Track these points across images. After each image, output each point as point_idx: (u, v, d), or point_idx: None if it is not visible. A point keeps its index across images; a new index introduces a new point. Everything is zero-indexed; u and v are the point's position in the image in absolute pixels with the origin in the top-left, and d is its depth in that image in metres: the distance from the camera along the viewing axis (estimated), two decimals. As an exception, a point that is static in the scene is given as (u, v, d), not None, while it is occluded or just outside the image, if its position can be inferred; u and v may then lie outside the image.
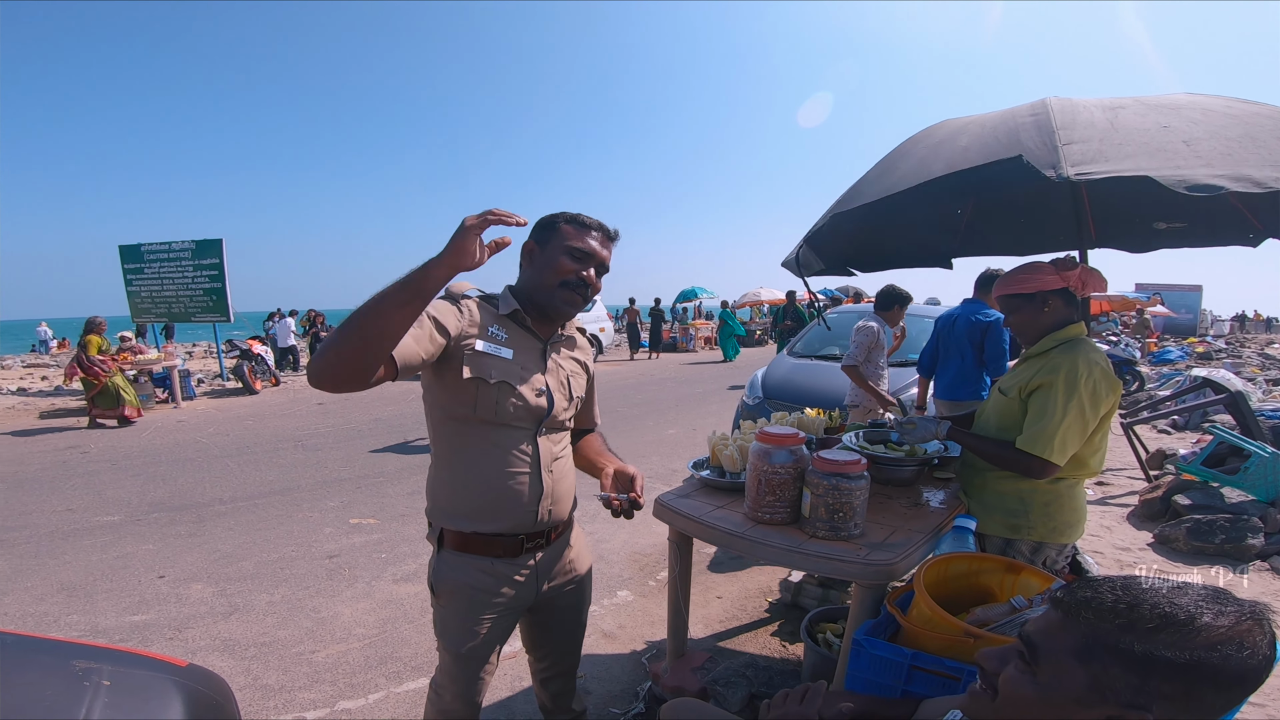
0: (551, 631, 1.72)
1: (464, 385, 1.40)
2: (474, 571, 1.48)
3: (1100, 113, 1.77)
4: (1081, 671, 0.73)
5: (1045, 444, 1.79)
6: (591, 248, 1.48)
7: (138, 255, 11.54)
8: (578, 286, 1.47)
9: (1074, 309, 1.96)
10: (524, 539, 1.51)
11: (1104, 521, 4.48)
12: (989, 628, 1.37)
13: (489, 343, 1.43)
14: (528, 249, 1.52)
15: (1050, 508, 1.94)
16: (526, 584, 1.54)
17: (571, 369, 1.61)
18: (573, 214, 1.50)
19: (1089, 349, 1.87)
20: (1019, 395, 1.92)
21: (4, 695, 0.78)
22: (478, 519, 1.47)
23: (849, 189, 2.17)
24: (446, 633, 1.53)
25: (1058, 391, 1.81)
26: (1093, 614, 0.73)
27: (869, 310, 4.76)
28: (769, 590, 3.41)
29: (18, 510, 4.86)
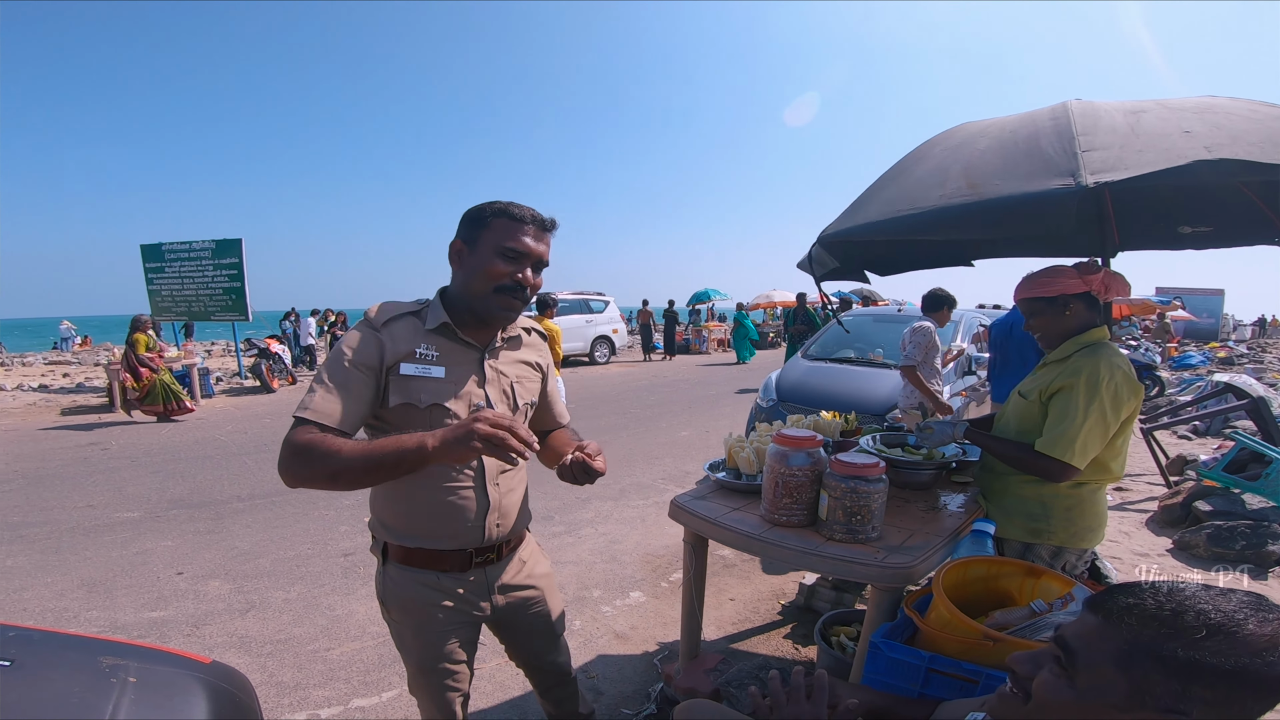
0: (530, 643, 1.66)
1: (393, 414, 1.32)
2: (420, 586, 1.42)
3: (1122, 117, 1.75)
4: (1122, 678, 0.72)
5: (1065, 447, 1.77)
6: (526, 245, 1.33)
7: (159, 255, 11.70)
8: (514, 291, 1.35)
9: (1096, 313, 1.94)
10: (472, 553, 1.44)
11: (1122, 527, 4.43)
12: (1009, 631, 1.36)
13: (417, 364, 1.33)
14: (455, 249, 1.38)
15: (1072, 513, 1.92)
16: (476, 597, 1.48)
17: (517, 374, 1.50)
18: (502, 205, 1.35)
19: (1111, 352, 1.85)
20: (1039, 399, 1.90)
21: (34, 691, 0.79)
22: (422, 535, 1.40)
23: (865, 191, 2.16)
24: (404, 646, 1.49)
25: (1079, 394, 1.79)
26: (1135, 620, 0.73)
27: (885, 312, 4.73)
28: (782, 593, 3.40)
29: (39, 506, 4.94)
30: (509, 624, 1.60)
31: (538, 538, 1.75)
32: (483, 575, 1.48)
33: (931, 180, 1.85)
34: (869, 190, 2.13)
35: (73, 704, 0.80)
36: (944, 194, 1.74)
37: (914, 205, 1.79)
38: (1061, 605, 1.40)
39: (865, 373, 5.35)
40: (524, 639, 1.65)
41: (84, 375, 13.78)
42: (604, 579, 3.59)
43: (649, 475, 5.75)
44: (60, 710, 0.78)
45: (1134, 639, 0.72)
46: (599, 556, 3.88)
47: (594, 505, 4.85)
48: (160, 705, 0.87)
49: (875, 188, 2.11)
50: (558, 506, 4.80)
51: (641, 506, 4.86)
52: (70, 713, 0.78)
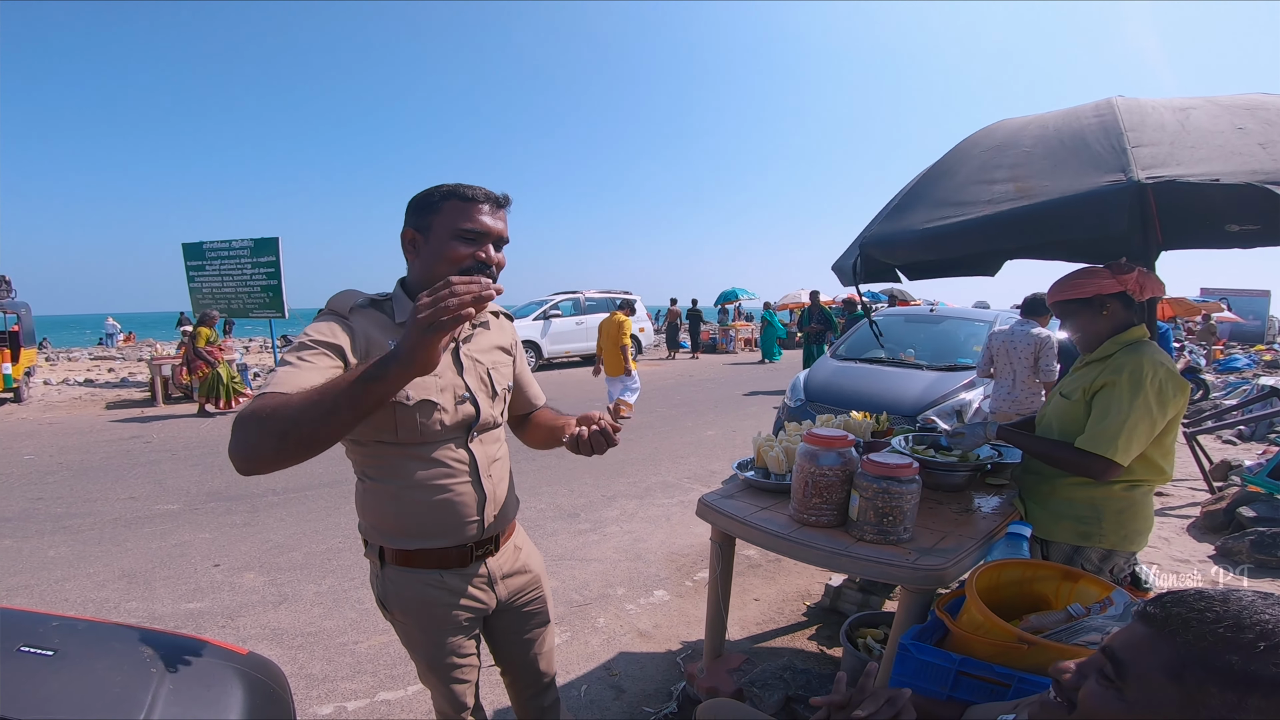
0: (524, 632, 1.60)
1: (378, 414, 1.24)
2: (424, 586, 1.38)
3: (1170, 114, 1.70)
4: (1174, 689, 0.71)
5: (1109, 443, 1.73)
6: (484, 224, 1.27)
7: (199, 253, 12.02)
8: (479, 270, 1.27)
9: (1133, 312, 1.90)
10: (472, 548, 1.41)
11: (1162, 533, 4.30)
12: (1044, 635, 1.34)
13: None
14: (409, 239, 1.32)
15: (1123, 515, 1.88)
16: (480, 590, 1.45)
17: (492, 360, 1.46)
18: (451, 187, 1.28)
19: (1154, 350, 1.82)
20: (1083, 397, 1.86)
21: (76, 681, 0.81)
22: (419, 535, 1.36)
23: (905, 193, 2.11)
24: (413, 646, 1.46)
25: (1122, 390, 1.75)
26: (1189, 630, 0.71)
27: (917, 312, 4.65)
28: (807, 594, 3.36)
29: (83, 497, 5.11)
30: (507, 614, 1.55)
31: (564, 535, 1.75)
32: (485, 568, 1.45)
33: (977, 182, 1.82)
34: (909, 192, 2.09)
35: (113, 693, 0.82)
36: (992, 199, 1.70)
37: (962, 210, 1.76)
38: (1099, 609, 1.37)
39: (896, 373, 5.27)
40: (520, 629, 1.59)
41: (127, 370, 14.23)
42: (628, 577, 3.59)
43: (674, 474, 5.73)
44: (101, 699, 0.80)
45: (1188, 649, 0.70)
46: (623, 555, 3.88)
47: (619, 504, 4.85)
48: (198, 696, 0.88)
49: (916, 190, 2.07)
50: (583, 505, 4.82)
51: (666, 505, 4.85)
52: (111, 702, 0.80)
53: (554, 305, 14.22)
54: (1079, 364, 2.01)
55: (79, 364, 16.45)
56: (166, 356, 10.28)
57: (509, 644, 1.59)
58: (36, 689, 0.79)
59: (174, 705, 0.84)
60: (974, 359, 5.27)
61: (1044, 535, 1.95)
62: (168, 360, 10.11)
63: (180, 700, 0.86)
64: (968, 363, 5.23)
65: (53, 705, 0.77)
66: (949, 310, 6.85)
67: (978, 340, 5.51)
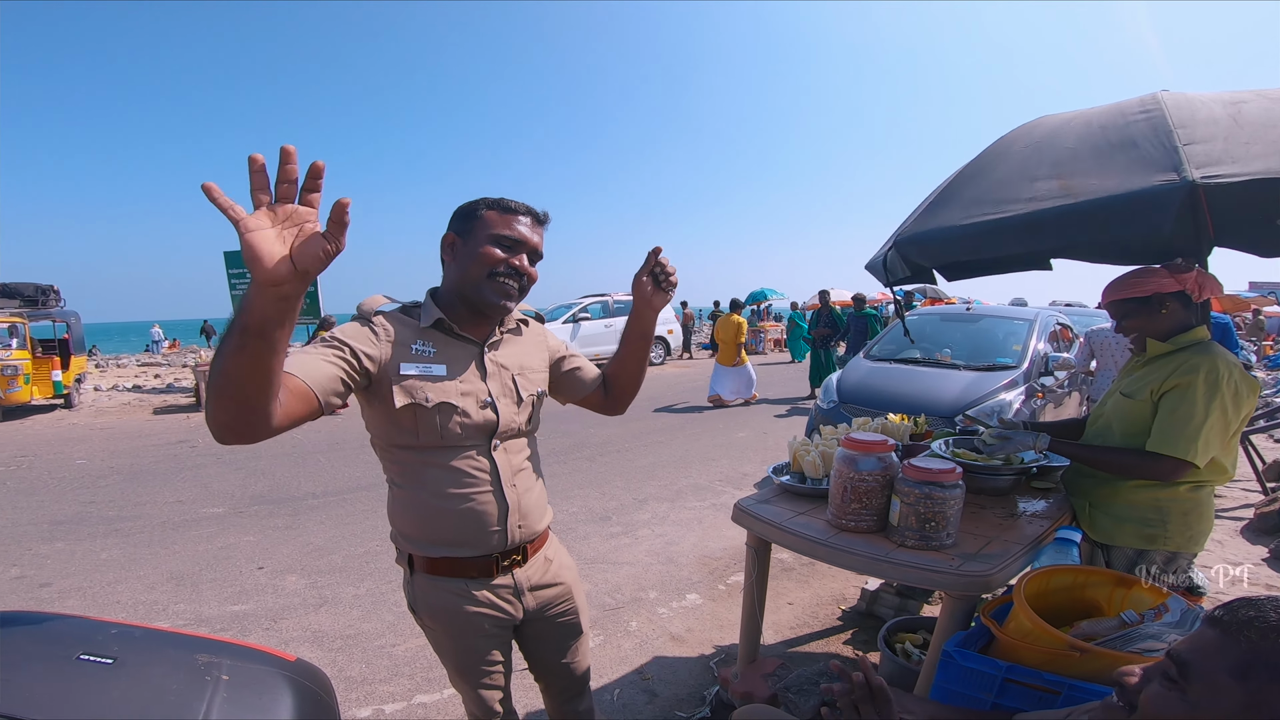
0: (557, 642, 1.59)
1: (400, 413, 1.28)
2: (450, 595, 1.39)
3: (1220, 108, 1.64)
4: (1239, 690, 0.72)
5: (1187, 445, 1.70)
6: (520, 234, 1.34)
7: (241, 261, 12.35)
8: (509, 274, 1.33)
9: (1192, 313, 1.85)
10: (498, 558, 1.40)
11: (1216, 535, 4.15)
12: (1097, 642, 1.30)
13: (417, 363, 1.30)
14: (448, 242, 1.37)
15: (1189, 516, 1.84)
16: (507, 601, 1.44)
17: (520, 365, 1.47)
18: (495, 198, 1.35)
19: (1223, 350, 1.78)
20: (1150, 398, 1.82)
21: (135, 689, 0.83)
22: (445, 544, 1.37)
23: (941, 191, 2.07)
24: (442, 651, 1.47)
25: (1198, 391, 1.72)
26: (1257, 633, 0.72)
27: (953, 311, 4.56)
28: (842, 598, 3.32)
29: (133, 500, 5.28)
30: (538, 623, 1.54)
31: (595, 539, 1.75)
32: (511, 579, 1.44)
33: (1017, 180, 1.77)
34: (945, 190, 2.05)
35: (170, 701, 0.84)
36: (1034, 196, 1.65)
37: (1000, 209, 1.71)
38: (1154, 616, 1.34)
39: (932, 373, 5.16)
40: (552, 638, 1.58)
41: (173, 376, 14.70)
42: (660, 580, 3.58)
43: (706, 477, 5.71)
44: (158, 707, 0.83)
45: (1254, 650, 0.72)
46: (655, 558, 3.87)
47: (651, 506, 4.85)
48: (250, 704, 0.90)
49: (952, 188, 2.02)
50: (615, 508, 4.82)
51: (699, 508, 4.83)
52: (167, 710, 0.83)
53: (583, 308, 14.28)
54: (1137, 364, 1.97)
55: (127, 370, 17.04)
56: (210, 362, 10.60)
57: (540, 652, 1.59)
58: (98, 697, 0.81)
59: (228, 711, 0.86)
60: (1014, 358, 5.15)
61: (1105, 540, 1.92)
62: (211, 366, 10.42)
63: (233, 707, 0.88)
64: (1008, 362, 5.11)
65: (113, 712, 0.79)
66: (986, 308, 6.70)
67: (1017, 339, 5.38)
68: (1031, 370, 4.99)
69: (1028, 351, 5.15)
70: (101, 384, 13.23)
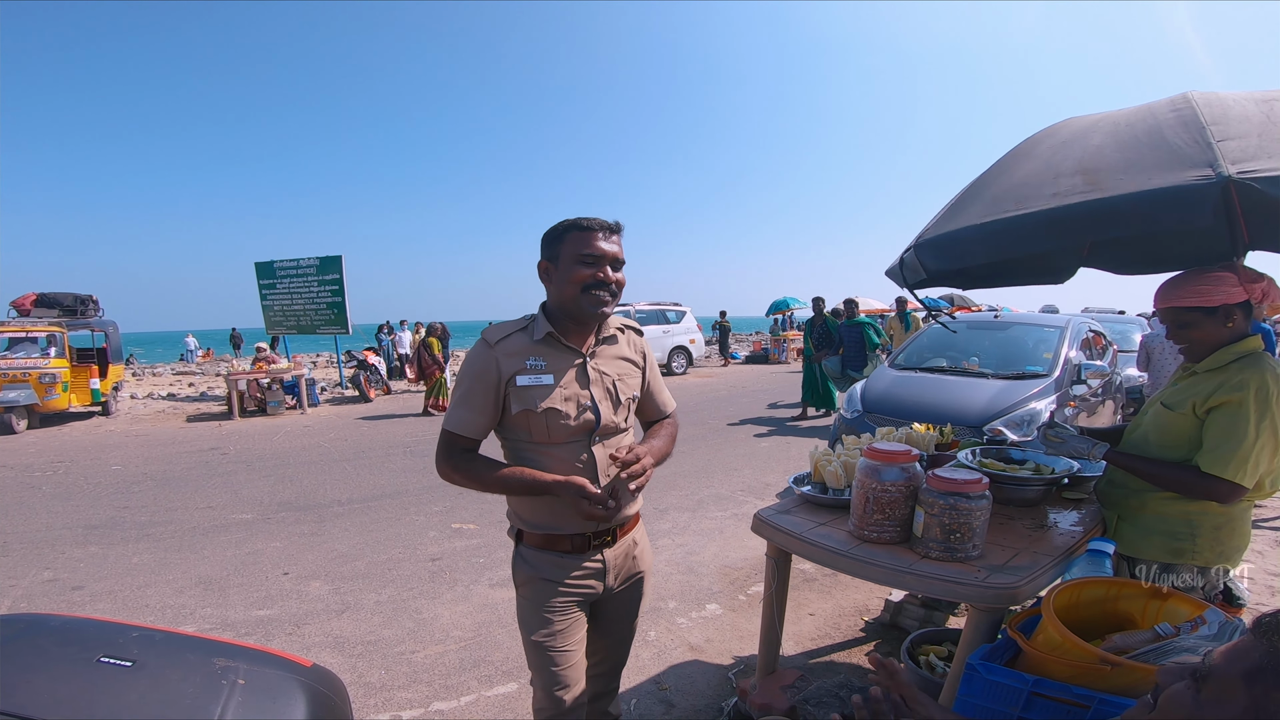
0: (609, 624, 1.77)
1: (516, 419, 1.53)
2: (548, 566, 1.60)
3: (1254, 105, 1.58)
4: (1244, 692, 0.70)
5: (1238, 467, 1.62)
6: (600, 249, 1.51)
7: (270, 271, 12.62)
8: (600, 287, 1.52)
9: (1250, 322, 1.75)
10: (590, 536, 1.61)
11: (1256, 546, 4.01)
12: (1130, 655, 1.26)
13: (529, 375, 1.52)
14: (543, 268, 1.58)
15: (1221, 531, 1.75)
16: (594, 575, 1.64)
17: (619, 371, 1.66)
18: (573, 220, 1.54)
19: (1273, 363, 1.68)
20: (1193, 412, 1.73)
21: (152, 691, 0.85)
22: (548, 523, 1.59)
23: (963, 192, 2.03)
24: (524, 621, 1.64)
25: (1249, 410, 1.63)
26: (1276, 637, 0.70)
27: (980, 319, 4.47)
28: (864, 609, 3.26)
29: (165, 506, 5.40)
30: (611, 602, 1.73)
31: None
32: (601, 557, 1.64)
33: (1041, 178, 1.70)
34: (967, 190, 2.00)
35: (185, 704, 0.85)
36: (1057, 192, 1.59)
37: (1023, 206, 1.65)
38: (1190, 629, 1.29)
39: (959, 382, 5.07)
40: (618, 619, 1.77)
41: (206, 385, 15.05)
42: (680, 590, 3.55)
43: (727, 487, 5.67)
44: (174, 709, 0.84)
45: (1270, 655, 0.70)
46: (676, 568, 3.85)
47: (671, 516, 4.82)
48: (265, 708, 0.91)
49: (975, 188, 1.97)
50: (637, 516, 4.80)
51: (720, 518, 4.79)
52: (183, 712, 0.84)
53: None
54: (1182, 374, 1.87)
55: (162, 379, 17.49)
56: (243, 372, 10.82)
57: (605, 628, 1.77)
58: (115, 699, 0.83)
59: (242, 715, 0.87)
60: (1044, 366, 5.04)
61: (1130, 552, 1.84)
62: (244, 375, 10.64)
63: (248, 710, 0.88)
64: (1038, 370, 5.00)
65: (130, 713, 0.81)
66: (1015, 315, 6.57)
67: (1047, 347, 5.26)
68: (1063, 378, 4.87)
69: (1059, 359, 5.03)
70: (138, 392, 13.59)
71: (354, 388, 12.21)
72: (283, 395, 10.80)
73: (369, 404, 11.64)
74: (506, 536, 1.73)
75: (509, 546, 1.76)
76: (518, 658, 2.84)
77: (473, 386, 1.53)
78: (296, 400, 10.94)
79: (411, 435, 8.48)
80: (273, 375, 10.65)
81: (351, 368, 12.61)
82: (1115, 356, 6.23)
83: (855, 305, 9.38)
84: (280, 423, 9.74)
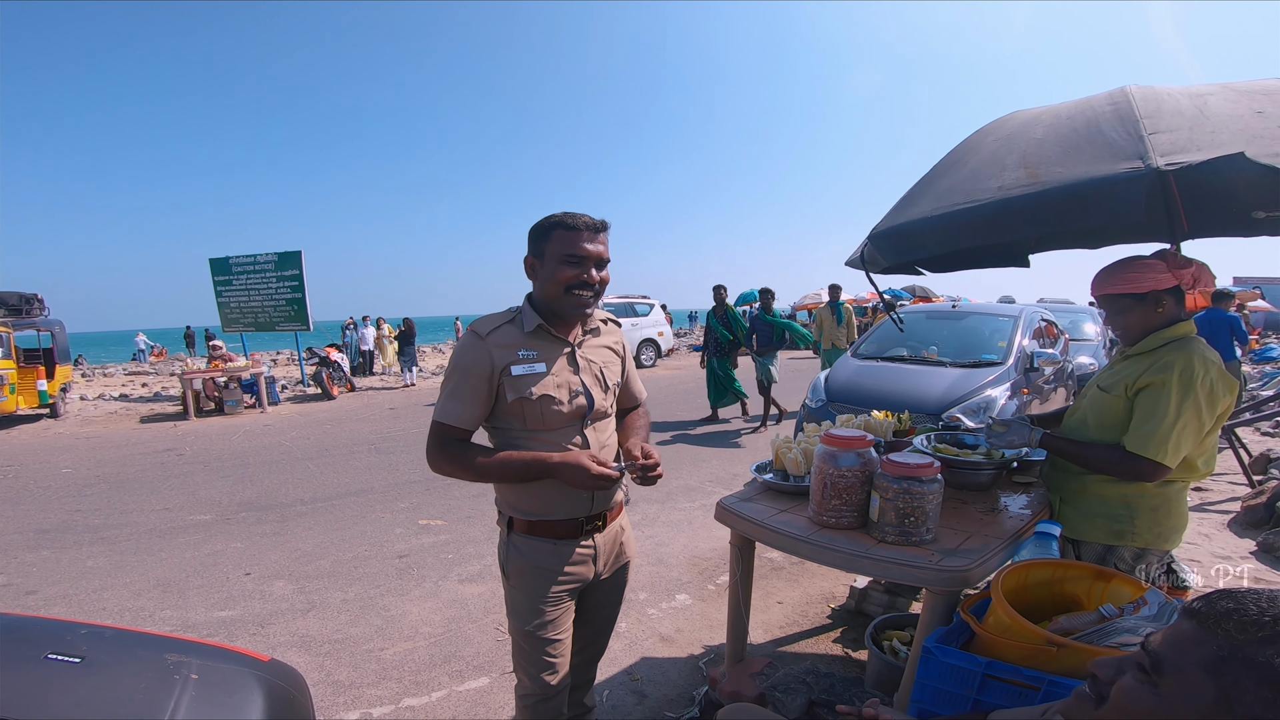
0: (592, 612, 1.81)
1: (510, 407, 1.56)
2: (540, 553, 1.62)
3: (1187, 100, 1.66)
4: (1210, 684, 0.70)
5: (1158, 446, 1.69)
6: (585, 250, 1.53)
7: (226, 267, 12.28)
8: (583, 287, 1.55)
9: (1183, 307, 1.83)
10: (582, 521, 1.64)
11: (1202, 529, 4.19)
12: (1075, 636, 1.30)
13: (522, 364, 1.55)
14: (529, 264, 1.61)
15: (1158, 513, 1.82)
16: (585, 561, 1.67)
17: (604, 359, 1.71)
18: (559, 217, 1.55)
19: (1202, 347, 1.75)
20: (1125, 393, 1.80)
21: (102, 687, 0.83)
22: (540, 509, 1.61)
23: (916, 185, 2.09)
24: (516, 611, 1.65)
25: (1171, 390, 1.70)
26: (1234, 626, 0.70)
27: (939, 309, 4.58)
28: (831, 596, 3.33)
29: (119, 509, 5.24)
30: (598, 590, 1.77)
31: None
32: (592, 542, 1.67)
33: (987, 171, 1.77)
34: (919, 184, 2.06)
35: (137, 700, 0.84)
36: (1002, 185, 1.66)
37: (970, 198, 1.72)
38: (1133, 610, 1.34)
39: (919, 371, 5.19)
40: (602, 607, 1.82)
41: (160, 385, 14.58)
42: (650, 581, 3.58)
43: (696, 478, 5.72)
44: (125, 705, 0.82)
45: (1230, 644, 0.69)
46: (645, 559, 3.87)
47: (640, 508, 4.85)
48: (220, 702, 0.90)
49: (926, 181, 2.03)
50: (606, 509, 4.82)
51: (688, 509, 4.84)
52: (134, 708, 0.83)
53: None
54: (1118, 357, 1.95)
55: (114, 379, 16.90)
56: (198, 370, 10.52)
57: (592, 614, 1.81)
58: (63, 695, 0.81)
59: (195, 710, 0.86)
60: (999, 355, 5.19)
61: (1074, 535, 1.90)
62: (199, 374, 10.35)
63: (202, 706, 0.87)
64: (993, 359, 5.15)
65: (79, 711, 0.79)
66: (972, 306, 6.75)
67: (1002, 336, 5.42)
68: (1017, 366, 5.03)
69: (1013, 348, 5.18)
70: (88, 393, 13.11)
71: (316, 385, 11.96)
72: (241, 394, 10.52)
73: (332, 402, 11.42)
74: (480, 536, 1.74)
75: (477, 542, 1.77)
76: (489, 652, 2.84)
77: (464, 379, 1.54)
78: (256, 399, 10.68)
79: (376, 433, 8.35)
80: (229, 373, 10.36)
81: (313, 365, 12.34)
82: (1067, 345, 6.44)
83: (770, 296, 8.24)
84: (239, 422, 9.50)
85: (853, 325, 8.67)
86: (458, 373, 1.56)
